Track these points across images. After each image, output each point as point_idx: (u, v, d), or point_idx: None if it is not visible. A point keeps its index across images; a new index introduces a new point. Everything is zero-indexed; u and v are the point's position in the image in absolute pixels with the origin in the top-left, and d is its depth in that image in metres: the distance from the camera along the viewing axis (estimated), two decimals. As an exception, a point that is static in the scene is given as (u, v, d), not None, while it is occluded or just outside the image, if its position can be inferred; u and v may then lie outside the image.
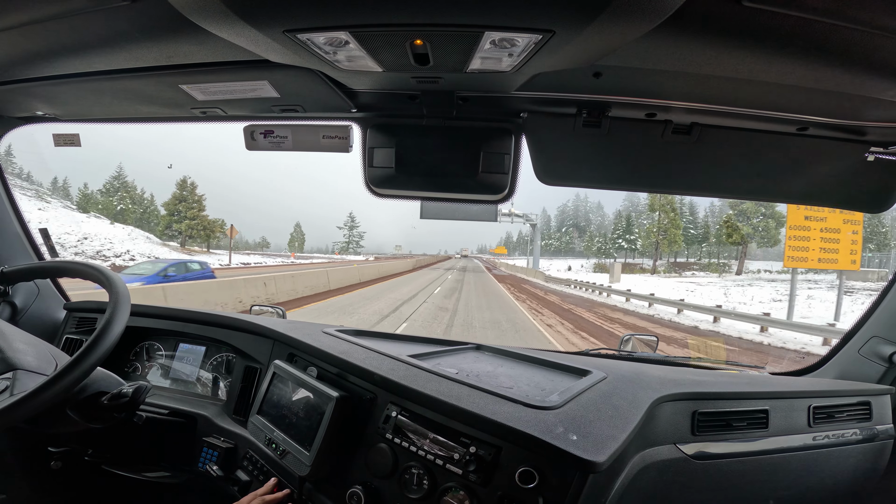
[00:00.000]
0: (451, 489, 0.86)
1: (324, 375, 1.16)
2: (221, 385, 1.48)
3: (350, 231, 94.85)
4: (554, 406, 0.91)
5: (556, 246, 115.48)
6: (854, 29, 0.69)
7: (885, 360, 1.39)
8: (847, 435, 1.28)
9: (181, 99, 1.17)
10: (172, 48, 0.92)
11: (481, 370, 1.24)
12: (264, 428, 1.13)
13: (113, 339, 0.85)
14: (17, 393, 0.80)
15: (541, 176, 1.23)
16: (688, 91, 0.99)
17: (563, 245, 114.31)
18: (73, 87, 1.17)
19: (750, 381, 1.34)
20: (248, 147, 1.27)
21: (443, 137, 1.16)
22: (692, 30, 0.72)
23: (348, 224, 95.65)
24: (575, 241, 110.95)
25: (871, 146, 1.11)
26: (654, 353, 1.76)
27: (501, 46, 0.75)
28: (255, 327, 1.42)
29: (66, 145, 1.51)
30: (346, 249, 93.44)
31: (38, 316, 1.63)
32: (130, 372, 1.58)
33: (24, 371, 0.87)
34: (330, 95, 1.10)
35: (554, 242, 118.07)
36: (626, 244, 65.62)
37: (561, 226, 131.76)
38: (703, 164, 1.20)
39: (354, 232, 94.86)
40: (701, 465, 1.07)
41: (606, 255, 69.23)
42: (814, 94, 0.92)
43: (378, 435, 1.00)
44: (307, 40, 0.74)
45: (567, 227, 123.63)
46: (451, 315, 11.76)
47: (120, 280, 0.96)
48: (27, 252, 1.67)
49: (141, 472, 1.26)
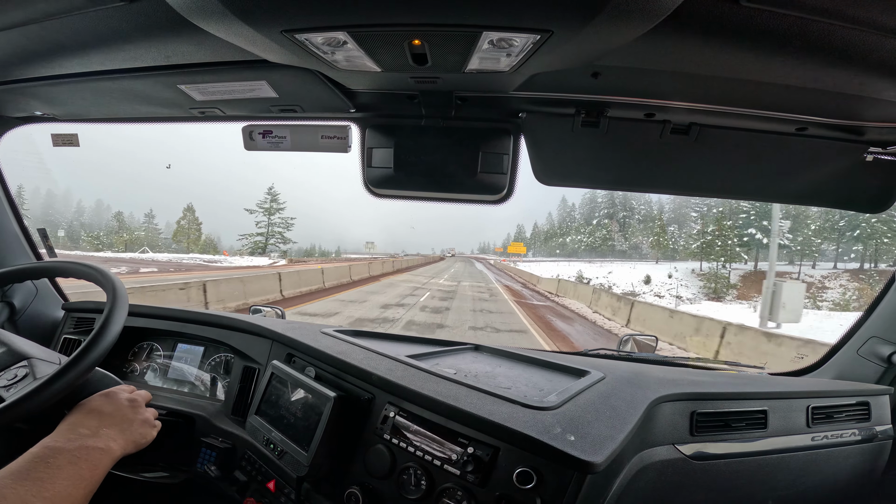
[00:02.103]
0: (448, 490, 0.85)
1: (322, 376, 1.16)
2: (220, 385, 1.48)
3: (269, 216, 61.63)
4: (552, 406, 0.91)
5: (589, 243, 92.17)
6: (852, 29, 0.69)
7: (884, 360, 1.39)
8: (846, 435, 1.28)
9: (179, 99, 1.17)
10: (170, 48, 0.92)
11: (479, 370, 1.24)
12: (262, 428, 1.12)
13: (113, 336, 0.85)
14: (40, 377, 0.79)
15: (539, 176, 1.23)
16: (686, 91, 0.99)
17: (597, 242, 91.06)
18: (71, 87, 1.17)
19: (748, 381, 1.34)
20: (247, 147, 1.27)
21: (441, 137, 1.16)
22: (690, 30, 0.72)
23: (267, 204, 61.74)
24: (615, 236, 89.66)
25: (869, 146, 1.11)
26: (652, 353, 1.76)
27: (500, 46, 0.75)
28: (253, 327, 1.42)
29: (64, 145, 1.51)
30: (260, 248, 60.98)
31: (37, 316, 1.63)
32: (128, 372, 1.58)
33: (37, 359, 0.88)
34: (328, 95, 1.10)
35: (584, 238, 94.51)
36: (786, 241, 35.07)
37: (591, 217, 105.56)
38: (702, 164, 1.20)
39: (277, 219, 61.88)
40: (700, 466, 1.06)
41: (712, 257, 41.73)
42: (812, 94, 0.92)
43: (376, 435, 1.00)
44: (305, 40, 0.74)
45: (600, 217, 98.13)
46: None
47: (117, 279, 0.96)
48: (25, 252, 1.67)
49: (139, 473, 1.26)
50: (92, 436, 0.73)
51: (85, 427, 0.74)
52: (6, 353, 0.89)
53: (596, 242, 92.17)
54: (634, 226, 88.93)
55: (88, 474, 0.67)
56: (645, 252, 78.87)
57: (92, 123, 1.49)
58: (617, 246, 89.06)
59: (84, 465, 0.68)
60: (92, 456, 0.70)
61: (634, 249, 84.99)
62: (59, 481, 0.63)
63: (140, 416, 0.86)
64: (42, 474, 0.62)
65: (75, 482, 0.65)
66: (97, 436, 0.74)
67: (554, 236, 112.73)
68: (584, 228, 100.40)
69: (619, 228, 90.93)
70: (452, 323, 11.59)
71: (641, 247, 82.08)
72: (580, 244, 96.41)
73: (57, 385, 0.76)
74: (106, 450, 0.73)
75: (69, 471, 0.65)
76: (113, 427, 0.78)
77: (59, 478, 0.63)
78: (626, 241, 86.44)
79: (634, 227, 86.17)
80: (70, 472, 0.65)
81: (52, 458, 0.65)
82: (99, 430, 0.75)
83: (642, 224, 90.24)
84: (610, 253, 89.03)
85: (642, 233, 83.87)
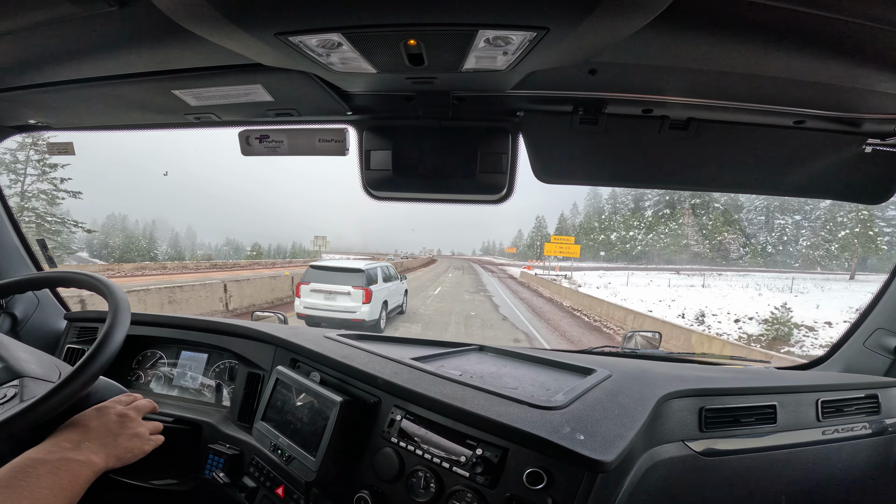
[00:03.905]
0: (458, 492, 0.85)
1: (327, 380, 1.16)
2: (225, 392, 1.47)
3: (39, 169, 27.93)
4: (560, 406, 0.91)
5: (650, 242, 65.21)
6: (848, 21, 0.69)
7: (891, 352, 1.38)
8: (856, 429, 1.27)
9: (174, 105, 1.17)
10: (163, 53, 0.91)
11: (485, 371, 1.23)
12: (269, 434, 1.12)
13: (116, 345, 0.85)
14: (27, 399, 0.79)
15: (539, 174, 1.22)
16: (684, 86, 0.99)
17: (664, 242, 63.60)
18: (65, 95, 1.17)
19: (756, 375, 1.33)
20: (244, 153, 1.26)
21: (439, 138, 1.16)
22: (686, 25, 0.72)
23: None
24: (661, 238, 62.88)
25: (868, 138, 1.11)
26: (657, 349, 1.75)
27: (496, 45, 0.74)
28: (256, 333, 1.41)
29: (59, 154, 1.50)
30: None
31: (39, 326, 1.63)
32: (133, 381, 1.57)
33: (31, 378, 0.87)
34: (324, 98, 1.10)
35: (641, 236, 68.03)
36: None
37: (639, 206, 76.57)
38: (701, 158, 1.19)
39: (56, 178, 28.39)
40: (710, 462, 1.06)
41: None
42: (810, 86, 0.92)
43: (383, 439, 0.99)
44: (299, 43, 0.73)
45: (657, 206, 69.22)
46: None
47: (118, 288, 0.96)
48: (25, 263, 1.66)
49: (148, 480, 1.26)
50: (73, 449, 0.75)
51: (67, 441, 0.76)
52: (3, 369, 0.88)
53: (662, 242, 64.11)
54: (718, 218, 61.07)
55: (68, 484, 0.69)
56: (737, 258, 52.90)
57: (87, 131, 1.49)
58: (732, 253, 57.34)
59: (64, 475, 0.70)
60: (72, 468, 0.72)
61: (718, 251, 57.75)
62: (39, 490, 0.65)
63: (128, 430, 0.86)
64: (22, 483, 0.65)
65: (55, 491, 0.67)
66: (78, 449, 0.76)
67: (592, 231, 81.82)
68: (635, 221, 73.27)
69: (674, 223, 62.65)
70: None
71: (730, 247, 56.37)
72: (633, 243, 68.94)
73: (74, 385, 0.78)
74: (86, 462, 0.75)
75: (49, 480, 0.67)
76: (95, 441, 0.80)
77: (39, 487, 0.65)
78: (734, 244, 56.39)
79: (717, 221, 58.94)
80: (50, 481, 0.67)
81: (33, 468, 0.68)
82: (81, 444, 0.77)
83: (749, 217, 58.95)
84: (650, 260, 63.99)
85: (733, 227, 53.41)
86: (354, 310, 9.05)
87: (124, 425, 0.86)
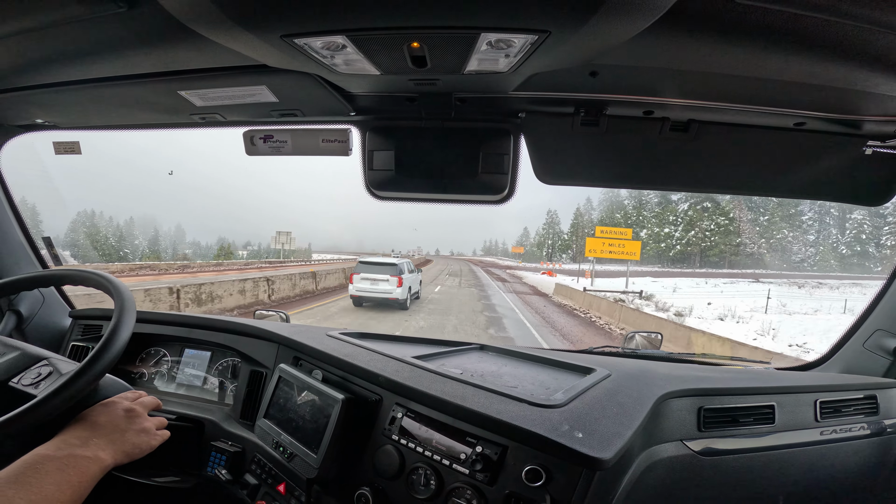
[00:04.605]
0: (458, 489, 0.86)
1: (329, 378, 1.17)
2: (228, 389, 1.48)
3: None
4: (559, 404, 0.92)
5: (692, 241, 50.65)
6: (847, 24, 0.70)
7: (891, 353, 1.38)
8: (854, 429, 1.27)
9: (180, 105, 1.18)
10: (170, 54, 0.93)
11: (485, 370, 1.24)
12: (271, 431, 1.13)
13: (123, 342, 0.86)
14: (65, 373, 0.82)
15: (540, 175, 1.23)
16: (684, 88, 0.99)
17: (710, 244, 50.40)
18: (72, 95, 1.18)
19: (755, 376, 1.34)
20: (248, 152, 1.27)
21: (442, 139, 1.17)
22: (687, 27, 0.73)
23: None
24: (707, 237, 48.12)
25: (868, 139, 1.11)
26: (657, 349, 1.76)
27: (498, 47, 0.75)
28: (259, 332, 1.43)
29: (66, 153, 1.52)
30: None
31: (44, 324, 1.64)
32: (137, 378, 1.59)
33: (56, 358, 0.90)
34: (328, 99, 1.11)
35: (679, 233, 53.12)
36: None
37: (666, 200, 60.93)
38: (702, 160, 1.20)
39: None
40: (708, 462, 1.07)
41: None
42: (810, 89, 0.92)
43: (384, 436, 1.00)
44: (304, 45, 0.74)
45: (694, 199, 51.97)
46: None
47: (124, 286, 0.97)
48: (31, 261, 1.68)
49: (151, 477, 1.27)
50: (81, 445, 0.76)
51: (75, 437, 0.77)
52: (21, 355, 0.90)
53: (707, 241, 52.15)
54: (775, 212, 48.09)
55: (76, 480, 0.70)
56: (800, 260, 41.40)
57: (93, 131, 1.50)
58: (793, 255, 43.79)
59: (72, 471, 0.70)
60: (80, 464, 0.72)
61: (776, 252, 45.38)
62: (46, 486, 0.66)
63: (136, 426, 0.87)
64: (30, 479, 0.65)
65: (62, 487, 0.67)
66: (86, 445, 0.76)
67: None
68: (669, 216, 60.78)
69: (748, 218, 47.06)
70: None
71: (791, 248, 44.13)
72: (670, 242, 56.73)
73: (81, 381, 0.79)
74: (94, 458, 0.75)
75: (56, 476, 0.68)
76: (103, 437, 0.80)
77: (46, 482, 0.66)
78: (795, 243, 43.19)
79: (773, 215, 46.45)
80: (57, 477, 0.68)
81: (41, 464, 0.68)
82: (89, 441, 0.78)
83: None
84: (733, 262, 50.32)
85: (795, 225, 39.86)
86: (391, 291, 12.86)
87: (131, 420, 0.86)
